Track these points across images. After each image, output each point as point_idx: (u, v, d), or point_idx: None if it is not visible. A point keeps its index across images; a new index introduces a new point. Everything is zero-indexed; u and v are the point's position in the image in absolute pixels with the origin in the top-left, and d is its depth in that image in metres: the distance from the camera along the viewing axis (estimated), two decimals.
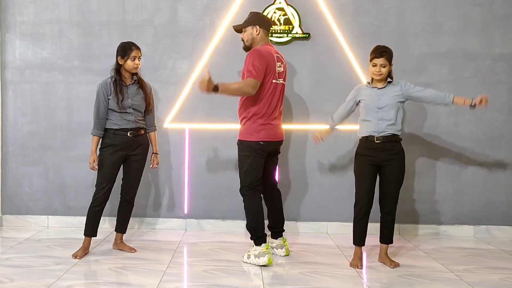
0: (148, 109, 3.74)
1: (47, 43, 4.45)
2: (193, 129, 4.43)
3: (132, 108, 3.61)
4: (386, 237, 3.51)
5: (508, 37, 4.38)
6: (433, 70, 4.40)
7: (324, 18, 4.36)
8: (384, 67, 3.37)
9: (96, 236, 3.65)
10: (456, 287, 3.09)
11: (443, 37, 4.39)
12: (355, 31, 4.36)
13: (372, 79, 3.46)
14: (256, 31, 3.57)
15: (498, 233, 4.40)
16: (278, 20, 4.34)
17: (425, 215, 4.45)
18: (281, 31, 4.34)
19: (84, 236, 3.64)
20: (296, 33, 4.34)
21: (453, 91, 4.34)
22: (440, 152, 4.42)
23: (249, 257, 3.53)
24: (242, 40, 3.63)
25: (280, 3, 4.33)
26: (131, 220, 4.42)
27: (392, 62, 3.44)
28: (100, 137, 3.60)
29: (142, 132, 3.72)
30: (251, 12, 3.68)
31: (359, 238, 3.48)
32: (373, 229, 3.69)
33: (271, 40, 4.30)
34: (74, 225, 4.45)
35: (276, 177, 3.92)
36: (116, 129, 3.59)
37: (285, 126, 4.37)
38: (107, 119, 3.60)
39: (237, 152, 3.62)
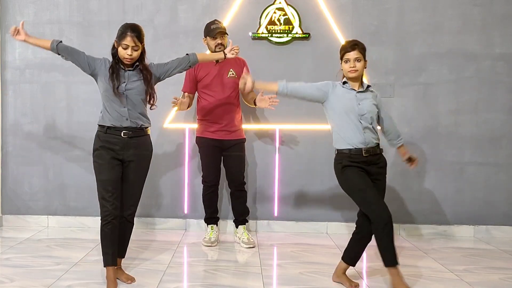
0: (150, 99, 3.03)
1: None
2: (193, 129, 4.42)
3: (126, 97, 2.92)
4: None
5: (508, 37, 4.38)
6: (433, 70, 4.40)
7: (324, 18, 4.36)
8: (358, 61, 2.90)
9: (116, 264, 2.97)
10: (456, 287, 3.09)
11: (443, 37, 4.38)
12: (355, 31, 4.36)
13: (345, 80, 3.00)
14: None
15: (498, 233, 4.40)
16: (278, 20, 4.34)
17: (425, 215, 4.44)
18: (281, 31, 4.33)
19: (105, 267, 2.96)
20: (296, 33, 4.33)
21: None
22: (440, 152, 4.42)
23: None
24: (222, 44, 3.80)
25: (280, 3, 4.33)
26: None
27: (367, 59, 3.01)
28: (52, 48, 2.95)
29: (141, 132, 3.00)
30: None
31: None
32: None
33: (271, 40, 4.34)
34: (74, 225, 4.45)
35: (276, 177, 4.11)
36: (108, 127, 2.93)
37: (284, 126, 4.40)
38: (101, 112, 3.00)
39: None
